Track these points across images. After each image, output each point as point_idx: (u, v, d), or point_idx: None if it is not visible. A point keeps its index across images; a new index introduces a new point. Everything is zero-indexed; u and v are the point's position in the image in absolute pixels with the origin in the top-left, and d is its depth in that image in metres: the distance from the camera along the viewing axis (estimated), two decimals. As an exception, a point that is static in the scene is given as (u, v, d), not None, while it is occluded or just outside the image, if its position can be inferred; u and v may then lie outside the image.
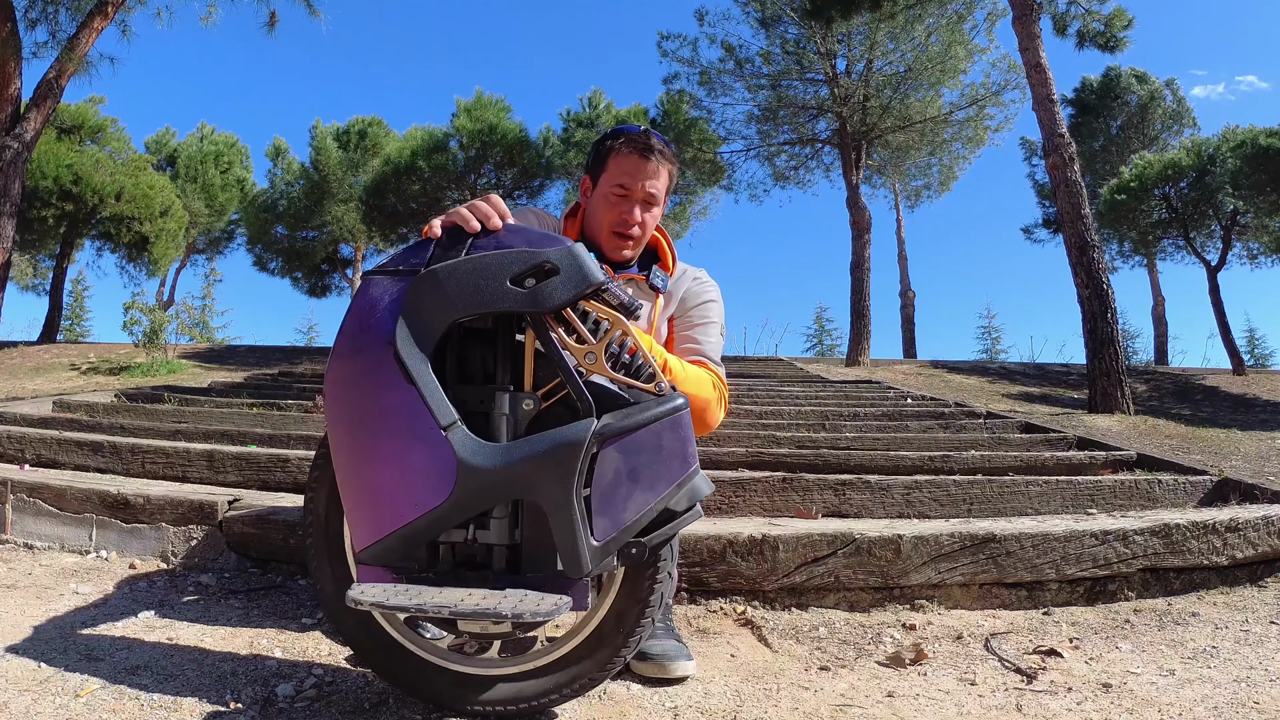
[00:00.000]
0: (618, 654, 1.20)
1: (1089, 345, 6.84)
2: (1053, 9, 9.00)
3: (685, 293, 1.70)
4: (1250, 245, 13.95)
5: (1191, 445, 4.30)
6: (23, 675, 1.27)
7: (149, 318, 9.24)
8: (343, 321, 1.16)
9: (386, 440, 1.10)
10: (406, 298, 1.12)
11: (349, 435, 1.12)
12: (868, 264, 12.91)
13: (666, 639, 1.45)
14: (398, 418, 1.10)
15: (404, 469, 1.09)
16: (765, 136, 15.26)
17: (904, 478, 2.77)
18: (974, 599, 1.89)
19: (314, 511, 1.28)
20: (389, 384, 1.10)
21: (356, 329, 1.13)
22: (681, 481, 1.11)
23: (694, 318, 1.68)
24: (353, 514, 1.12)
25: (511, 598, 1.05)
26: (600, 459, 1.09)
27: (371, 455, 1.10)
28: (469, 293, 1.11)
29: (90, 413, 4.87)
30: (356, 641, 1.24)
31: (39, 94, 8.26)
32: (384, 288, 1.14)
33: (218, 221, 20.45)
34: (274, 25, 10.13)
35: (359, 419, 1.11)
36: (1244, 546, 2.06)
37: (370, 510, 1.11)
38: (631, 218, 1.58)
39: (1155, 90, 19.75)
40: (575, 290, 1.11)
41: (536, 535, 1.12)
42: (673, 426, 1.12)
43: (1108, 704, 1.31)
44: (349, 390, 1.12)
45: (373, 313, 1.13)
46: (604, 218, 1.60)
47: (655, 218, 1.64)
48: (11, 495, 2.30)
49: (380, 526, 1.10)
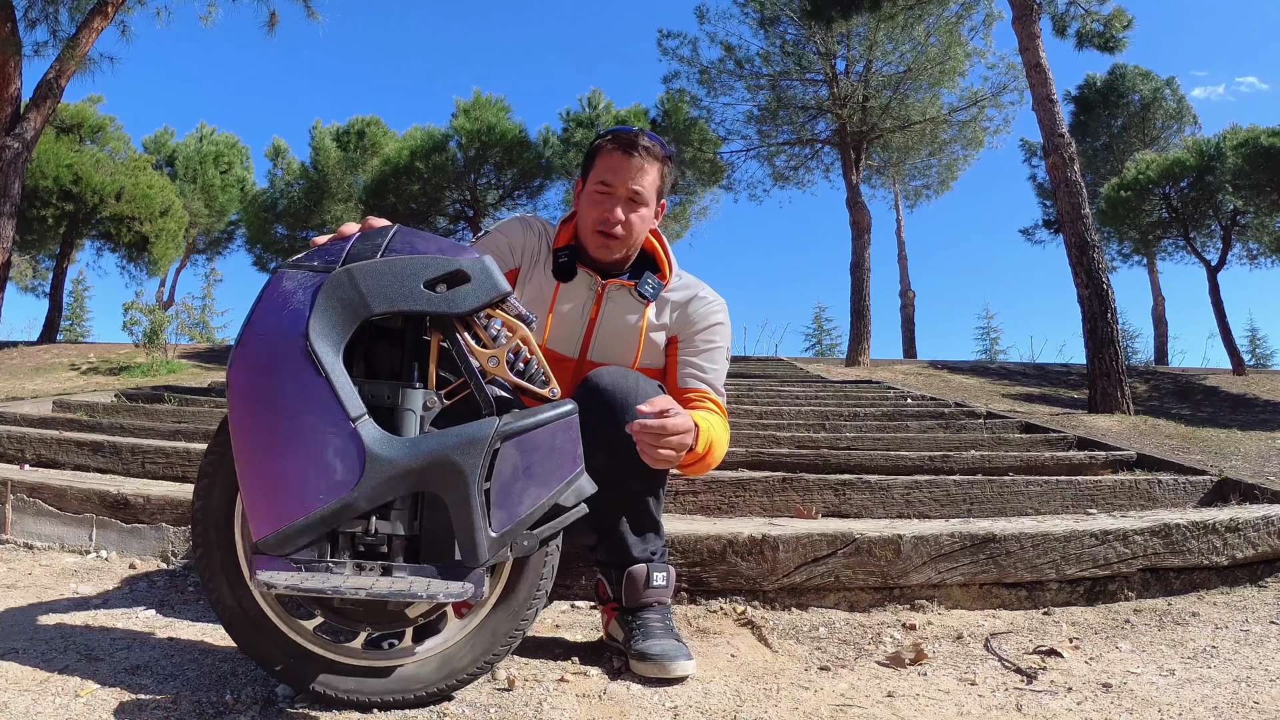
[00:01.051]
0: (499, 645, 1.26)
1: (1089, 345, 6.84)
2: (1052, 9, 9.01)
3: (692, 313, 1.65)
4: (1250, 245, 13.95)
5: (1191, 445, 4.31)
6: (23, 675, 1.27)
7: (149, 318, 9.25)
8: (251, 313, 1.16)
9: (295, 429, 1.11)
10: (321, 292, 1.14)
11: (255, 424, 1.12)
12: (868, 264, 12.92)
13: (666, 639, 1.43)
14: (308, 408, 1.11)
15: (312, 458, 1.11)
16: (765, 136, 15.27)
17: (904, 478, 2.77)
18: (974, 599, 1.90)
19: (206, 498, 1.26)
20: (300, 375, 1.11)
21: (268, 320, 1.14)
22: (570, 480, 1.19)
23: (700, 343, 1.64)
24: (255, 503, 1.11)
25: (420, 582, 1.11)
26: (500, 455, 1.15)
27: (279, 444, 1.11)
28: (384, 292, 1.15)
29: (90, 413, 4.87)
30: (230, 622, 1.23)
31: (39, 94, 8.26)
32: (298, 281, 1.16)
33: (217, 221, 20.45)
34: (274, 25, 10.13)
35: (268, 408, 1.12)
36: (1244, 546, 2.06)
37: (274, 498, 1.10)
38: (613, 215, 1.54)
39: (1157, 88, 19.73)
40: (485, 298, 1.18)
41: (434, 526, 1.17)
42: (565, 428, 1.20)
43: (1108, 704, 1.31)
44: (258, 379, 1.12)
45: (286, 304, 1.15)
46: (588, 216, 1.58)
47: (644, 219, 1.60)
48: (11, 495, 2.30)
49: (285, 515, 1.10)
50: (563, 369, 1.66)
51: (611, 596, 1.51)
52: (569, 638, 1.63)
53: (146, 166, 14.28)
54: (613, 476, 1.38)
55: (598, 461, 1.34)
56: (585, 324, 1.64)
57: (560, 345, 1.66)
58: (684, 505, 2.61)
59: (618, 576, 1.49)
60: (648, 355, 1.65)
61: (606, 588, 1.52)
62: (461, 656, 1.24)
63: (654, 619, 1.46)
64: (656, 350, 1.65)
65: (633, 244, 1.62)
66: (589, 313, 1.64)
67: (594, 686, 1.34)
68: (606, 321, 1.64)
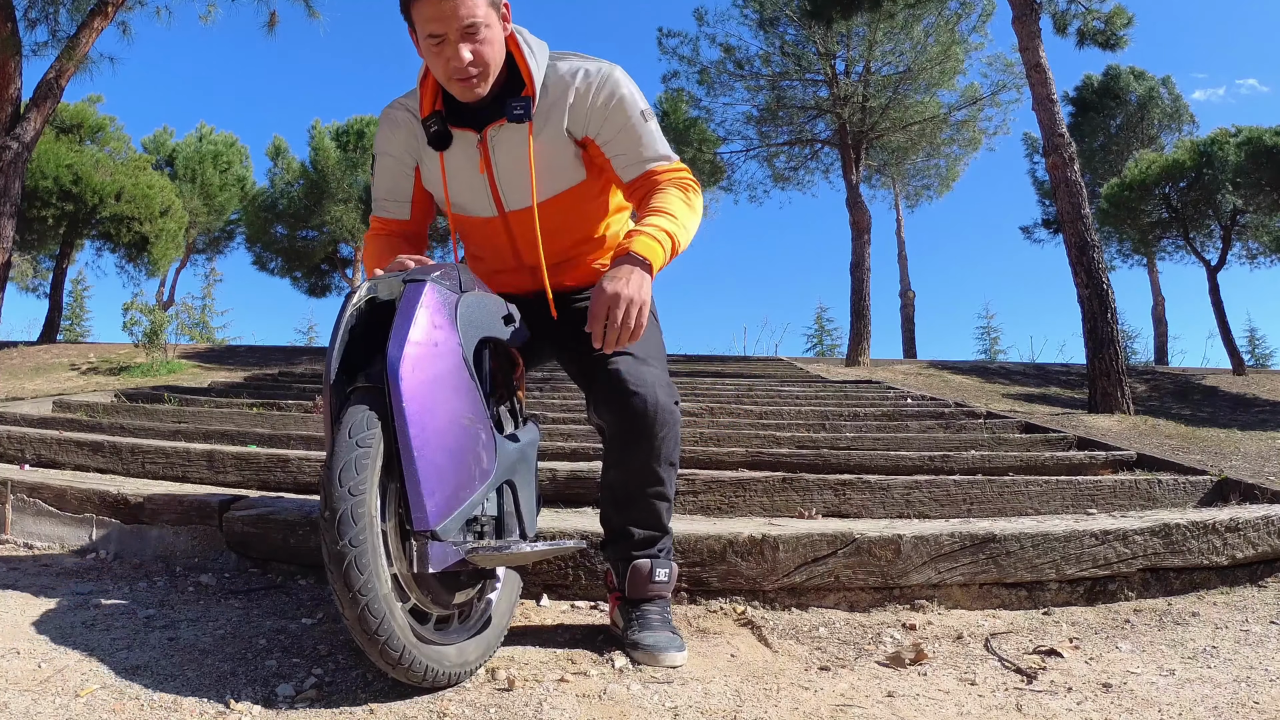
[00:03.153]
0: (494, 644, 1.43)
1: (1089, 345, 6.84)
2: (1053, 8, 9.00)
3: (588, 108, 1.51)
4: (1250, 245, 13.96)
5: (1191, 445, 4.31)
6: (23, 675, 1.27)
7: (149, 318, 9.24)
8: (416, 314, 1.27)
9: (461, 427, 1.30)
10: (459, 311, 1.35)
11: (430, 420, 1.24)
12: (868, 264, 12.90)
13: (662, 630, 1.50)
14: (469, 409, 1.32)
15: (471, 451, 1.31)
16: (765, 137, 15.27)
17: (904, 478, 2.77)
18: (974, 599, 1.90)
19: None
20: (461, 379, 1.32)
21: (433, 324, 1.29)
22: None
23: (616, 123, 1.52)
24: (430, 491, 1.21)
25: (554, 544, 1.45)
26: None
27: (451, 439, 1.27)
28: (486, 321, 1.43)
29: (90, 413, 4.87)
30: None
31: (39, 94, 8.25)
32: (444, 297, 1.33)
33: (217, 221, 20.43)
34: (274, 25, 10.12)
35: (443, 406, 1.27)
36: (1244, 546, 2.06)
37: (448, 487, 1.25)
38: (459, 61, 1.41)
39: (1153, 87, 19.70)
40: (521, 339, 1.56)
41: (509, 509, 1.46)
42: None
43: (1108, 704, 1.31)
44: (433, 379, 1.26)
45: (441, 313, 1.31)
46: (437, 71, 1.46)
47: (491, 42, 1.43)
48: (11, 495, 2.30)
49: (458, 499, 1.26)
50: (491, 229, 1.64)
51: (617, 586, 1.61)
52: (569, 638, 1.63)
53: (146, 166, 14.28)
54: (625, 487, 1.53)
55: (611, 477, 1.55)
56: (485, 181, 1.58)
57: (475, 208, 1.63)
58: (684, 505, 2.61)
59: (624, 569, 1.56)
60: (558, 176, 1.57)
61: (614, 578, 1.63)
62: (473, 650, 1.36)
63: (653, 611, 1.54)
64: (568, 162, 1.56)
65: (494, 68, 1.47)
66: (480, 169, 1.57)
67: (594, 686, 1.34)
68: (502, 170, 1.56)
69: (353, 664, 1.38)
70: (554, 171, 1.56)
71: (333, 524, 1.15)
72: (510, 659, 1.45)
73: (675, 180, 1.55)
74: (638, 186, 1.57)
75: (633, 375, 1.46)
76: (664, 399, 1.46)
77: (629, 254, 1.41)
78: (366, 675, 1.33)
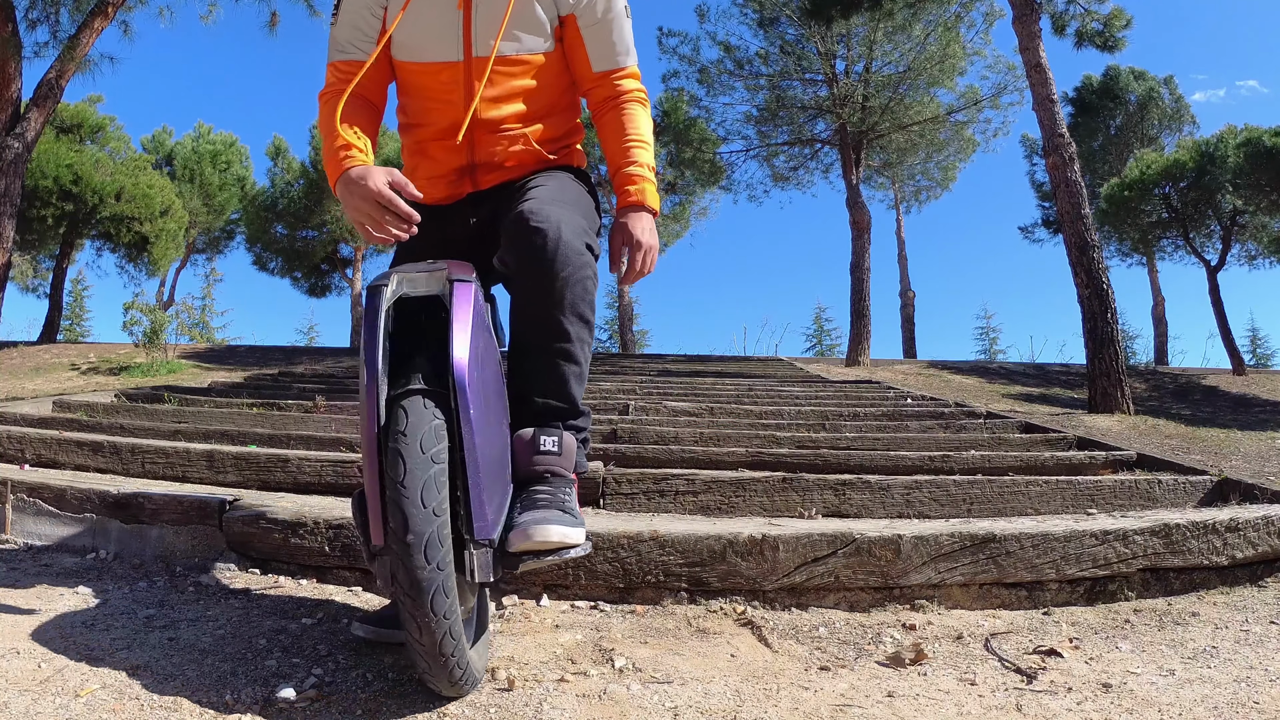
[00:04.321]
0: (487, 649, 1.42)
1: (1089, 345, 6.84)
2: (1051, 8, 9.01)
3: None
4: (1249, 245, 13.96)
5: (1191, 445, 4.31)
6: (23, 675, 1.27)
7: (149, 318, 9.25)
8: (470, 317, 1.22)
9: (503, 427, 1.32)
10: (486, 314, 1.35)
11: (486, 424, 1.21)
12: (868, 264, 12.91)
13: (548, 509, 1.25)
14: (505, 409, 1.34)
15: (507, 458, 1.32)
16: (764, 137, 15.29)
17: (904, 478, 2.77)
18: (974, 599, 1.90)
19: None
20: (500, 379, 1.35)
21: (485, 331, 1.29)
22: None
23: (601, 7, 1.50)
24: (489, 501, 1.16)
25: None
26: None
27: (498, 442, 1.27)
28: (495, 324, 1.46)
29: (90, 413, 4.87)
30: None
31: (39, 94, 8.26)
32: (480, 301, 1.28)
33: (217, 221, 20.44)
34: (275, 25, 10.13)
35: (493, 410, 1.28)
36: (1244, 546, 2.06)
37: (501, 489, 1.25)
38: None
39: (1153, 88, 19.70)
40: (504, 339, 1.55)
41: None
42: None
43: (1108, 704, 1.31)
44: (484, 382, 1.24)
45: (483, 316, 1.30)
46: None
47: None
48: (11, 495, 2.30)
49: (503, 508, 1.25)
50: (450, 75, 1.50)
51: None
52: (569, 638, 1.63)
53: (146, 166, 14.29)
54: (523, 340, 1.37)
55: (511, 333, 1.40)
56: (460, 19, 1.47)
57: (434, 52, 1.49)
58: (684, 505, 2.61)
59: None
60: (532, 35, 1.50)
61: None
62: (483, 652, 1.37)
63: (541, 491, 1.30)
64: (542, 29, 1.50)
65: None
66: (459, 3, 1.46)
67: (594, 686, 1.34)
68: (481, 7, 1.46)
69: (353, 664, 1.38)
70: (528, 29, 1.49)
71: (419, 548, 1.04)
72: (510, 659, 1.45)
73: (640, 98, 1.58)
74: (603, 88, 1.55)
75: (537, 212, 1.33)
76: (569, 237, 1.32)
77: (643, 205, 1.49)
78: (366, 675, 1.33)
